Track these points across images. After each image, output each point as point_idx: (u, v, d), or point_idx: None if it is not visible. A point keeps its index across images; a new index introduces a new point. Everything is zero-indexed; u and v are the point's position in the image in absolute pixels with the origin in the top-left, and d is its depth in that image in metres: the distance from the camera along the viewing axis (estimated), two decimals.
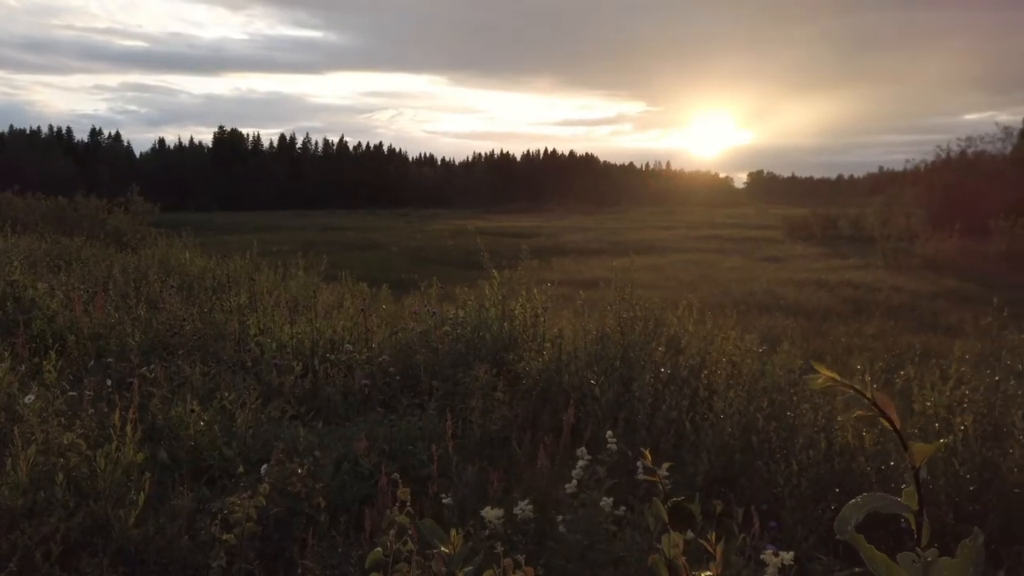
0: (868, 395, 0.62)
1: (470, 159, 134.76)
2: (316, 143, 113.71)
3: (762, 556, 2.61)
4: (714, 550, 1.34)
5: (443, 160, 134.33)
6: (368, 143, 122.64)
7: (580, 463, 3.36)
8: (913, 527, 0.64)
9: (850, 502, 0.62)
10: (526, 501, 3.19)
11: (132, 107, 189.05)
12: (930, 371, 4.90)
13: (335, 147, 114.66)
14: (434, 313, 7.06)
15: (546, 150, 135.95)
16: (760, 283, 21.70)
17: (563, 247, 34.14)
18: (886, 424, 0.62)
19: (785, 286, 21.11)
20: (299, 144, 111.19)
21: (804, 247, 35.52)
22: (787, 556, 2.57)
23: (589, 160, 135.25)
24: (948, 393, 4.54)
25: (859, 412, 0.63)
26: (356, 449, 4.34)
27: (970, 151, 47.31)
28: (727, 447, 4.39)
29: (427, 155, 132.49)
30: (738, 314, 15.15)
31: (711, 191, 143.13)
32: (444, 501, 3.47)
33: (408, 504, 2.26)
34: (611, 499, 3.07)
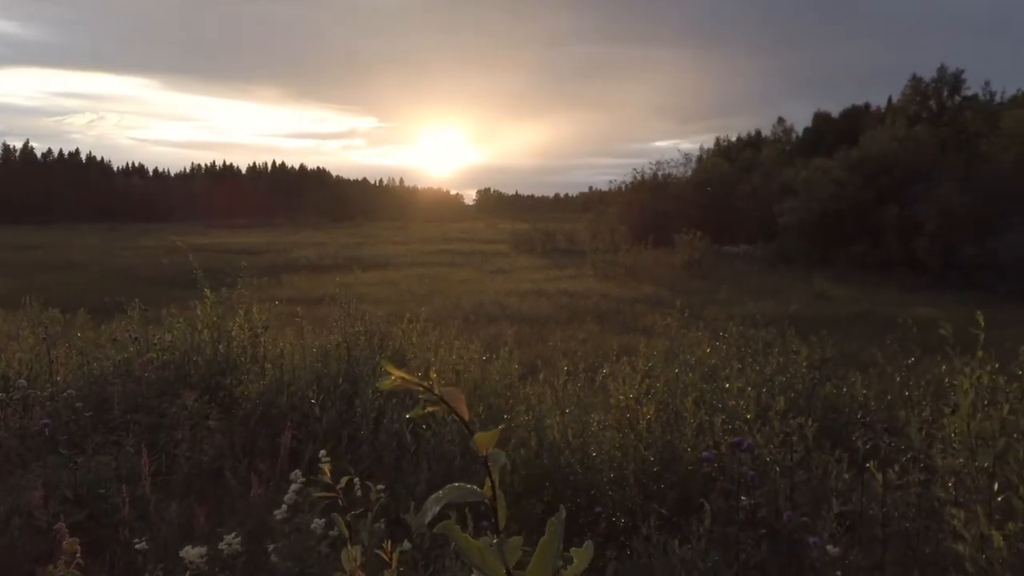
0: (436, 391, 0.65)
1: (188, 170, 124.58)
2: None
3: None
4: (389, 558, 1.34)
5: (156, 171, 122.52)
6: (62, 150, 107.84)
7: (293, 487, 3.22)
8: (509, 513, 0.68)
9: (432, 495, 0.65)
10: (233, 534, 2.98)
11: None
12: (622, 367, 5.48)
13: (17, 153, 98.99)
14: (136, 339, 6.37)
15: (274, 163, 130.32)
16: (488, 294, 22.84)
17: (294, 263, 32.93)
18: (456, 416, 0.65)
19: (510, 296, 22.47)
20: None
21: (528, 259, 38.12)
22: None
23: (321, 174, 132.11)
24: (637, 386, 5.11)
25: (430, 408, 0.66)
26: (31, 500, 3.74)
27: (660, 174, 54.46)
28: (447, 454, 4.51)
29: (136, 164, 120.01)
30: (467, 324, 15.80)
31: (443, 207, 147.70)
32: (138, 546, 3.12)
33: (78, 557, 1.98)
34: (323, 520, 2.99)
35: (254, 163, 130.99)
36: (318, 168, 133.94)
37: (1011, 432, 3.15)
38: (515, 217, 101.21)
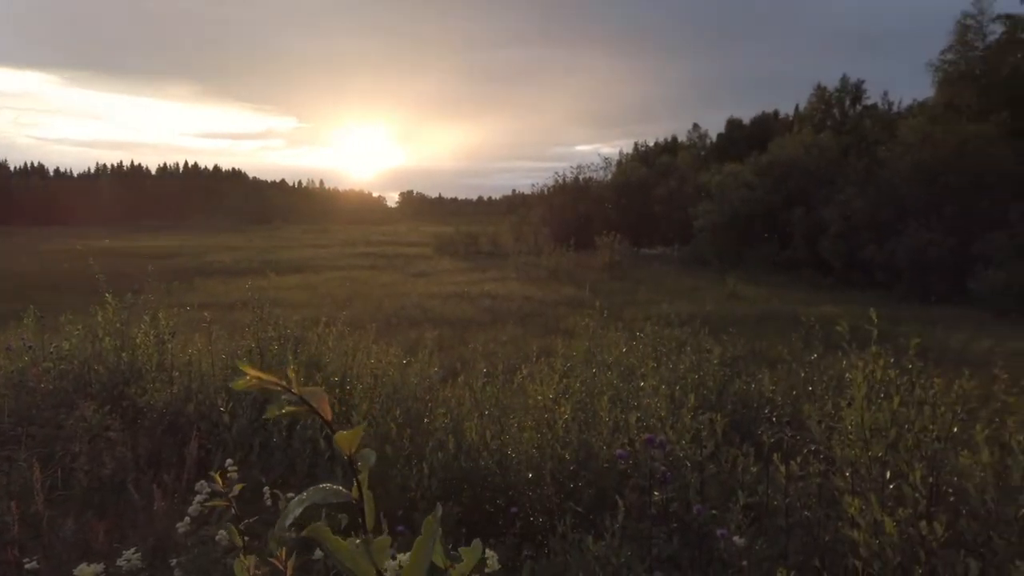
0: (295, 390, 0.64)
1: (92, 170, 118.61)
2: None
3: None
4: (284, 566, 1.31)
5: (57, 171, 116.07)
6: None
7: (199, 498, 3.10)
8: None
9: (296, 498, 0.63)
10: (133, 550, 2.84)
11: None
12: (540, 368, 5.53)
13: None
14: (31, 347, 6.01)
15: (187, 163, 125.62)
16: (410, 297, 22.64)
17: (208, 267, 31.82)
18: (319, 417, 0.64)
19: (433, 299, 22.34)
20: None
21: (451, 262, 38.00)
22: (403, 557, 2.66)
23: (237, 176, 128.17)
24: (554, 387, 5.16)
25: (289, 408, 0.64)
26: None
27: (581, 178, 55.33)
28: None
29: (35, 164, 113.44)
30: (388, 327, 15.61)
31: (365, 209, 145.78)
32: (28, 566, 2.93)
33: None
34: (236, 531, 2.88)
35: (164, 163, 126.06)
36: (234, 169, 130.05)
37: (902, 423, 3.33)
38: (438, 220, 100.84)
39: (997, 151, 27.57)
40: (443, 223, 75.53)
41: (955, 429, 3.40)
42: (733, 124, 60.35)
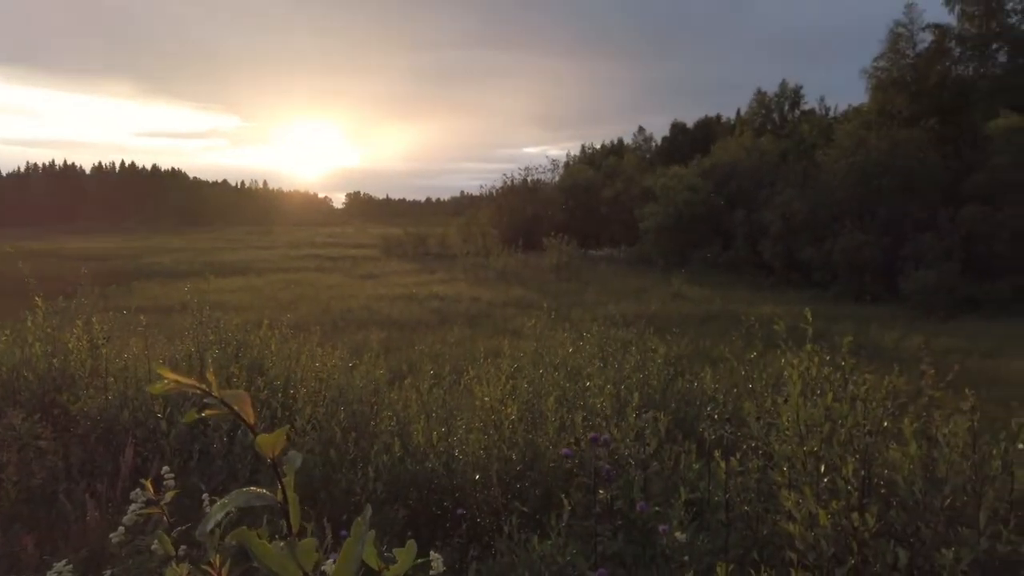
0: (215, 394, 0.63)
1: (23, 170, 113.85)
2: None
3: (323, 567, 2.63)
4: (219, 574, 1.28)
5: None
6: None
7: (134, 507, 3.01)
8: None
9: (218, 502, 0.62)
10: (65, 562, 2.74)
11: None
12: (486, 370, 5.54)
13: None
14: None
15: (123, 163, 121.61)
16: (357, 299, 22.41)
17: (146, 270, 30.91)
18: (242, 420, 0.63)
19: (381, 301, 22.15)
20: None
21: (398, 264, 37.73)
22: None
23: (177, 176, 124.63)
24: (501, 387, 5.18)
25: (208, 411, 0.63)
26: None
27: (529, 180, 55.60)
28: (306, 464, 4.37)
29: None
30: (334, 330, 15.41)
31: (311, 210, 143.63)
32: None
33: None
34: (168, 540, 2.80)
35: (100, 163, 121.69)
36: (173, 169, 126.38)
37: (835, 418, 3.44)
38: (386, 221, 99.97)
39: (926, 156, 28.74)
40: (391, 224, 74.88)
41: (885, 423, 3.53)
42: (677, 127, 61.49)
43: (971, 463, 3.19)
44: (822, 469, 3.36)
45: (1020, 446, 3.34)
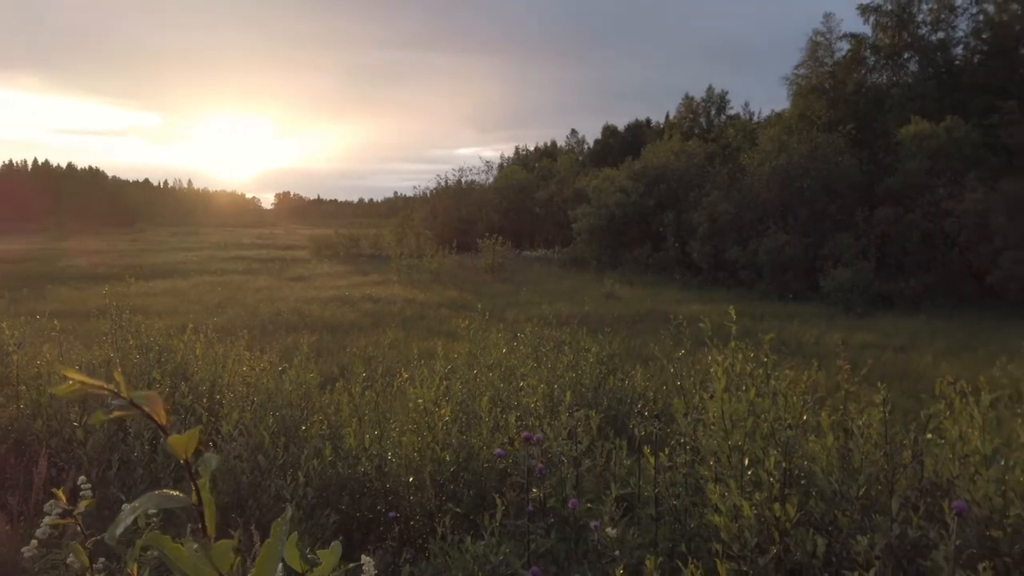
0: (124, 395, 0.62)
1: None
2: None
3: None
4: None
5: None
6: None
7: (47, 519, 2.87)
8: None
9: (128, 505, 0.61)
10: None
11: None
12: (420, 371, 5.50)
13: None
14: None
15: (36, 161, 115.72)
16: (287, 302, 21.92)
17: (62, 273, 29.50)
18: (152, 421, 0.62)
19: (312, 304, 21.72)
20: None
21: (330, 265, 37.09)
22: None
23: (94, 174, 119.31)
24: (435, 389, 5.16)
25: (117, 412, 0.62)
26: None
27: (463, 181, 55.52)
28: (235, 471, 4.26)
29: None
30: (263, 334, 15.05)
31: (239, 211, 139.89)
32: None
33: None
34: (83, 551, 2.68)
35: (11, 160, 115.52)
36: (90, 167, 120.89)
37: (758, 413, 3.57)
38: (317, 222, 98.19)
39: (844, 160, 30.04)
40: (322, 226, 73.58)
41: (805, 417, 3.67)
42: (609, 130, 62.50)
43: (884, 453, 3.35)
44: (746, 462, 3.48)
45: (929, 436, 3.53)
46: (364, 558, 2.79)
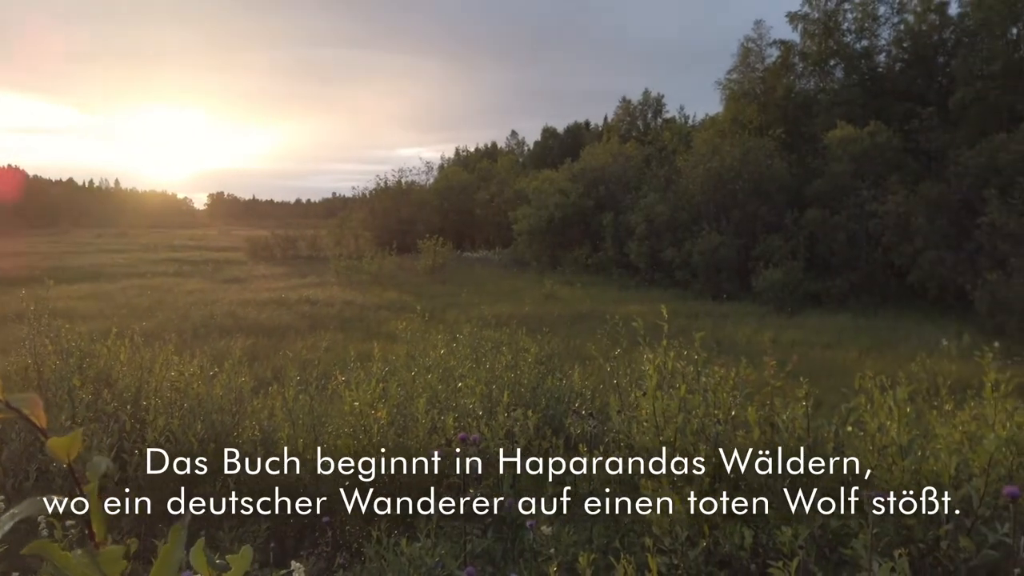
0: (0, 397, 0.60)
1: None
2: None
3: None
4: None
5: None
6: None
7: None
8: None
9: (8, 512, 0.59)
10: None
11: None
12: (356, 374, 5.44)
13: None
14: None
15: None
16: (221, 305, 21.35)
17: None
18: (32, 425, 0.60)
19: (247, 306, 21.21)
20: None
21: (266, 267, 36.30)
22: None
23: (14, 173, 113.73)
24: (372, 391, 5.10)
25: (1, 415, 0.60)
26: None
27: (403, 181, 55.08)
28: (163, 479, 4.13)
29: None
30: (195, 338, 14.63)
31: (170, 212, 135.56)
32: None
33: None
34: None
35: None
36: (9, 166, 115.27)
37: (689, 409, 3.65)
38: (252, 223, 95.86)
39: (774, 163, 31.01)
40: (258, 227, 71.83)
41: (733, 412, 3.77)
42: (548, 132, 62.96)
43: (806, 446, 3.48)
44: (676, 458, 3.55)
45: (849, 429, 3.68)
46: (294, 564, 2.74)
